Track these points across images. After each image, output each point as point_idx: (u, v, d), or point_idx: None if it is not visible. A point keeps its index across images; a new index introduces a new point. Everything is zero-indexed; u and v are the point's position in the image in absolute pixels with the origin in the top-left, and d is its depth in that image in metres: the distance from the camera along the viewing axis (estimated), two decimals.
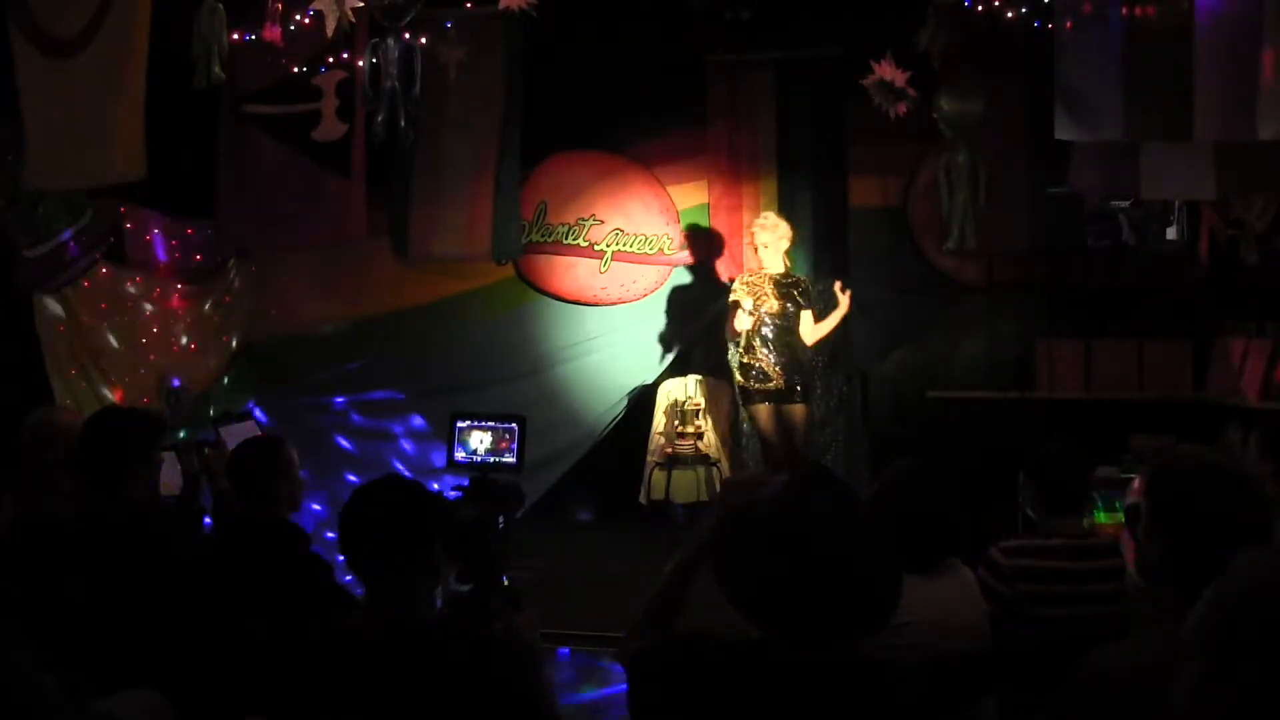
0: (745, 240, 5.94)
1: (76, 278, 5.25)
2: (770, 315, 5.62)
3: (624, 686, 1.85)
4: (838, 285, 5.74)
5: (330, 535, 6.22)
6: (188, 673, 2.81)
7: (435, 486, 6.48)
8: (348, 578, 3.50)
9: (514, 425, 4.17)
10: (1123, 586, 2.91)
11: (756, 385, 5.62)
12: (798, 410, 5.69)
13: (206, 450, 3.82)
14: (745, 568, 1.68)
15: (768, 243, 5.70)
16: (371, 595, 2.22)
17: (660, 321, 6.57)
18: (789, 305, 5.64)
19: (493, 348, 6.52)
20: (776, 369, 5.61)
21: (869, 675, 1.66)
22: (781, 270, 5.73)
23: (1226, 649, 1.36)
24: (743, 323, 5.53)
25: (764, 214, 5.91)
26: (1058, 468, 3.03)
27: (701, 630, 1.75)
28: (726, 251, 6.45)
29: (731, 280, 6.55)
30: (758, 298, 5.63)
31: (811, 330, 5.69)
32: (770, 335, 5.62)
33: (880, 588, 1.67)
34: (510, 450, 4.07)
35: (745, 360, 5.66)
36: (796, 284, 5.71)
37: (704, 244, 6.50)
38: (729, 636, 1.70)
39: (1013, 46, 4.77)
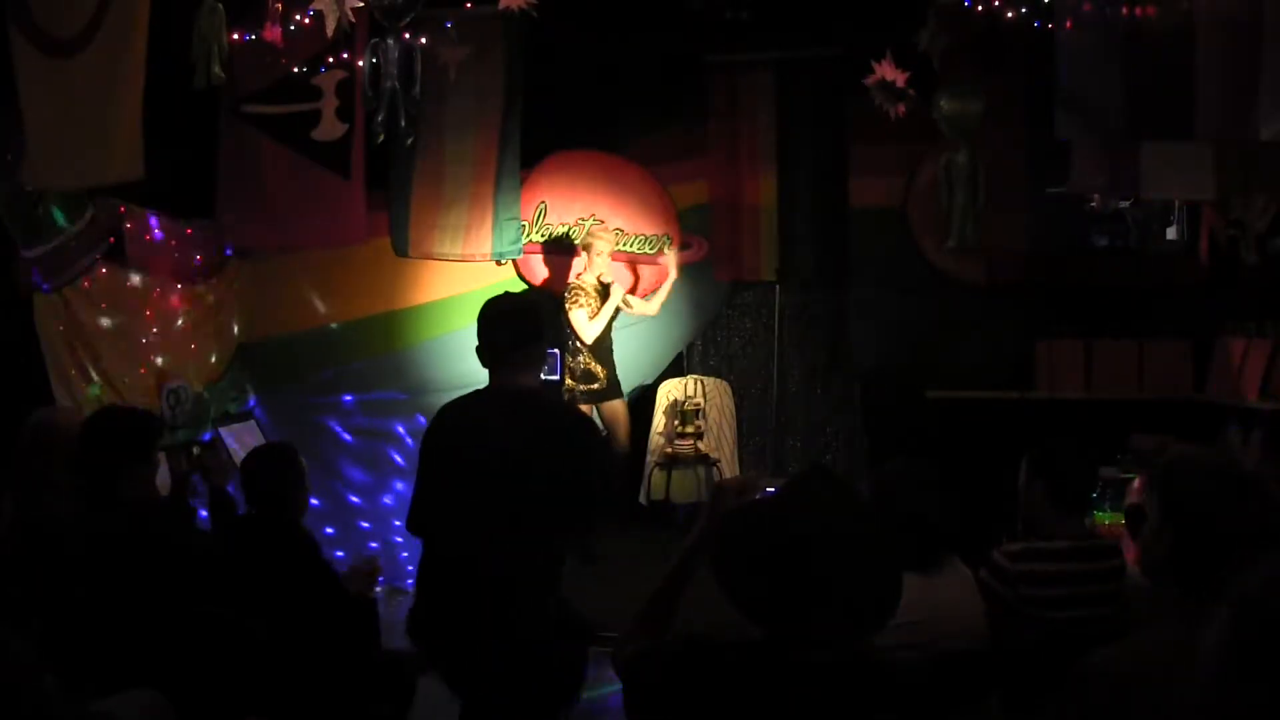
0: (580, 244, 6.13)
1: (76, 277, 5.25)
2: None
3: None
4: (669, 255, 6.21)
5: (329, 530, 6.26)
6: (188, 673, 2.81)
7: None
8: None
9: (555, 351, 5.62)
10: (1123, 586, 2.91)
11: (583, 387, 5.93)
12: (619, 406, 6.05)
13: (196, 450, 3.81)
14: (747, 567, 1.68)
15: (602, 250, 5.98)
16: (493, 373, 2.93)
17: (660, 321, 6.58)
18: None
19: None
20: (601, 370, 5.95)
21: (870, 675, 1.66)
22: (598, 276, 6.00)
23: (1242, 654, 1.37)
24: (595, 328, 5.89)
25: (601, 221, 6.22)
26: (1067, 466, 3.01)
27: (698, 632, 1.75)
28: (726, 251, 6.46)
29: (729, 280, 6.58)
30: (588, 303, 5.91)
31: (645, 305, 6.12)
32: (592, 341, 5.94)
33: (881, 587, 1.67)
34: (554, 370, 5.65)
35: (572, 364, 5.97)
36: (607, 289, 6.00)
37: (704, 244, 6.50)
38: (727, 637, 1.70)
39: (1013, 46, 4.76)
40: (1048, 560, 2.89)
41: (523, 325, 2.91)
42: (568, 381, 5.98)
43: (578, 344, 5.96)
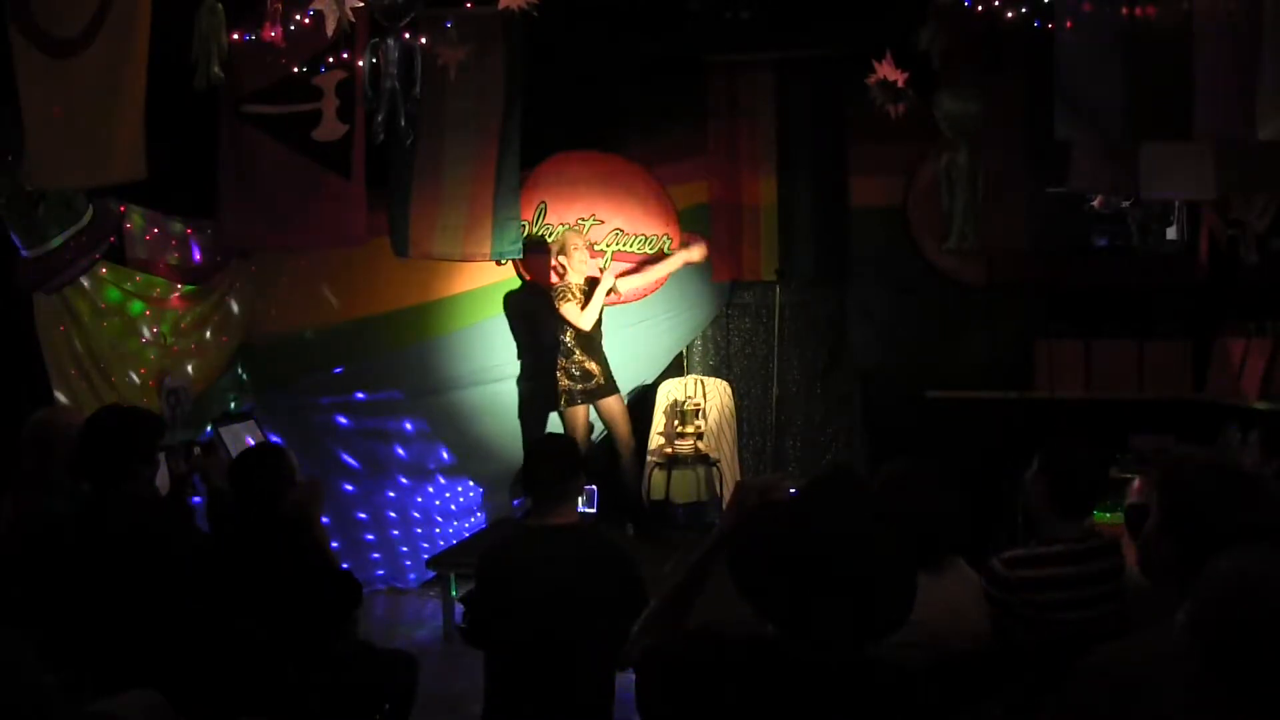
0: (555, 250, 6.12)
1: (76, 277, 5.24)
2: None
3: (627, 684, 1.86)
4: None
5: (324, 520, 6.24)
6: (188, 673, 2.81)
7: (441, 481, 6.50)
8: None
9: (593, 487, 5.91)
10: (1123, 585, 2.90)
11: (580, 386, 5.95)
12: (615, 403, 6.04)
13: (196, 451, 3.80)
14: (767, 567, 1.68)
15: (578, 245, 6.02)
16: (534, 505, 3.37)
17: (660, 321, 6.58)
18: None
19: (492, 347, 6.53)
20: (596, 367, 5.97)
21: (877, 675, 1.66)
22: (584, 277, 6.04)
23: (1212, 648, 1.37)
24: (589, 316, 5.93)
25: (576, 222, 6.24)
26: (1073, 467, 2.95)
27: (710, 627, 1.75)
28: (726, 251, 6.46)
29: (729, 280, 6.58)
30: (576, 297, 5.96)
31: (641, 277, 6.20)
32: (582, 339, 5.96)
33: (899, 592, 1.67)
34: (592, 503, 5.89)
35: (566, 364, 5.97)
36: (594, 284, 6.03)
37: (704, 244, 6.51)
38: (741, 633, 1.71)
39: (1013, 46, 4.76)
40: (1045, 565, 2.85)
41: (562, 463, 3.33)
42: (564, 382, 5.97)
43: (571, 344, 5.96)
